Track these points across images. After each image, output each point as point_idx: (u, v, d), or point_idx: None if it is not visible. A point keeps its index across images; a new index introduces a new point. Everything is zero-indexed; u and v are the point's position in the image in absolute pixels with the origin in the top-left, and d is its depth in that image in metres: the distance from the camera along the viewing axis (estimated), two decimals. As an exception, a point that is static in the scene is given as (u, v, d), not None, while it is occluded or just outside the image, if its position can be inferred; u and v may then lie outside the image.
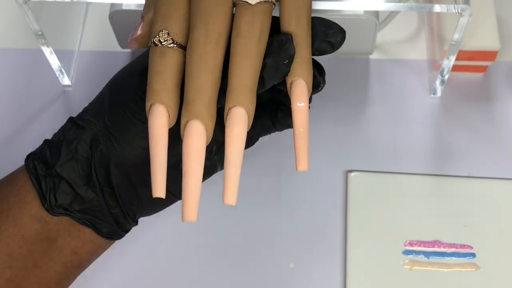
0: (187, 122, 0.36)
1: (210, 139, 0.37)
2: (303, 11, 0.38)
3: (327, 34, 0.39)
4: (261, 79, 0.38)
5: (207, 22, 0.37)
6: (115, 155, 0.41)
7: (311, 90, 0.38)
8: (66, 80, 0.60)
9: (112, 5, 0.55)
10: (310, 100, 0.39)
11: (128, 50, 0.61)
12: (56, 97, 0.60)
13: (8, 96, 0.60)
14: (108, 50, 0.62)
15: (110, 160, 0.41)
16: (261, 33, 0.37)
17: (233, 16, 0.38)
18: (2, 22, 0.64)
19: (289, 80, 0.38)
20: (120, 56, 0.62)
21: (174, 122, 0.37)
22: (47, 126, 0.58)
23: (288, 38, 0.37)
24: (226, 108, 0.36)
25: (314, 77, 0.39)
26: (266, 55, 0.37)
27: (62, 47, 0.59)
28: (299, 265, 0.52)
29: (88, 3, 0.64)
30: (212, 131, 0.37)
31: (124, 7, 0.54)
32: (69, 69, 0.60)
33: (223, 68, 0.37)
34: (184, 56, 0.38)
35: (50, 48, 0.55)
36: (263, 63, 0.37)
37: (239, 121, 0.36)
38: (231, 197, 0.36)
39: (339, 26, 0.39)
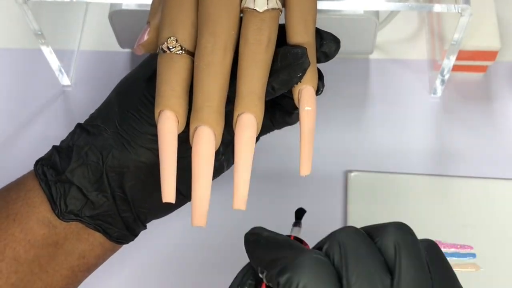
0: (196, 128, 0.36)
1: (218, 145, 0.37)
2: (310, 17, 0.38)
3: (322, 45, 0.39)
4: (272, 89, 0.38)
5: (215, 29, 0.37)
6: (128, 159, 0.41)
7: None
8: (65, 80, 0.60)
9: (112, 5, 0.55)
10: None
11: (128, 50, 0.61)
12: (56, 97, 0.60)
13: (8, 96, 0.60)
14: (108, 50, 0.62)
15: (123, 163, 0.41)
16: (269, 41, 0.37)
17: (241, 23, 0.38)
18: (2, 22, 0.64)
19: (297, 87, 0.38)
20: (120, 56, 0.62)
21: (183, 128, 0.38)
22: (47, 126, 0.58)
23: (303, 53, 0.37)
24: (235, 115, 0.37)
25: None
26: (280, 68, 0.37)
27: (61, 47, 0.59)
28: (299, 265, 0.52)
29: (88, 3, 0.64)
30: (220, 136, 0.37)
31: (124, 7, 0.54)
32: (69, 69, 0.60)
33: (230, 74, 0.37)
34: (193, 62, 0.38)
35: (50, 48, 0.55)
36: (276, 75, 0.37)
37: (248, 128, 0.36)
38: (241, 202, 0.36)
39: (334, 36, 0.40)
